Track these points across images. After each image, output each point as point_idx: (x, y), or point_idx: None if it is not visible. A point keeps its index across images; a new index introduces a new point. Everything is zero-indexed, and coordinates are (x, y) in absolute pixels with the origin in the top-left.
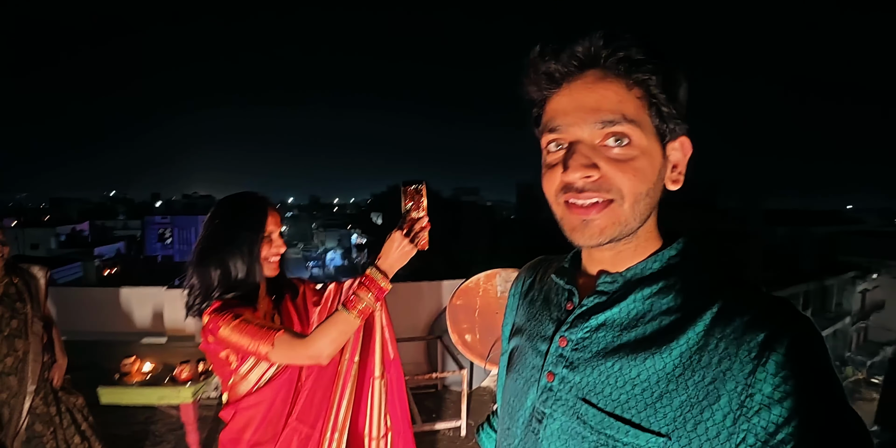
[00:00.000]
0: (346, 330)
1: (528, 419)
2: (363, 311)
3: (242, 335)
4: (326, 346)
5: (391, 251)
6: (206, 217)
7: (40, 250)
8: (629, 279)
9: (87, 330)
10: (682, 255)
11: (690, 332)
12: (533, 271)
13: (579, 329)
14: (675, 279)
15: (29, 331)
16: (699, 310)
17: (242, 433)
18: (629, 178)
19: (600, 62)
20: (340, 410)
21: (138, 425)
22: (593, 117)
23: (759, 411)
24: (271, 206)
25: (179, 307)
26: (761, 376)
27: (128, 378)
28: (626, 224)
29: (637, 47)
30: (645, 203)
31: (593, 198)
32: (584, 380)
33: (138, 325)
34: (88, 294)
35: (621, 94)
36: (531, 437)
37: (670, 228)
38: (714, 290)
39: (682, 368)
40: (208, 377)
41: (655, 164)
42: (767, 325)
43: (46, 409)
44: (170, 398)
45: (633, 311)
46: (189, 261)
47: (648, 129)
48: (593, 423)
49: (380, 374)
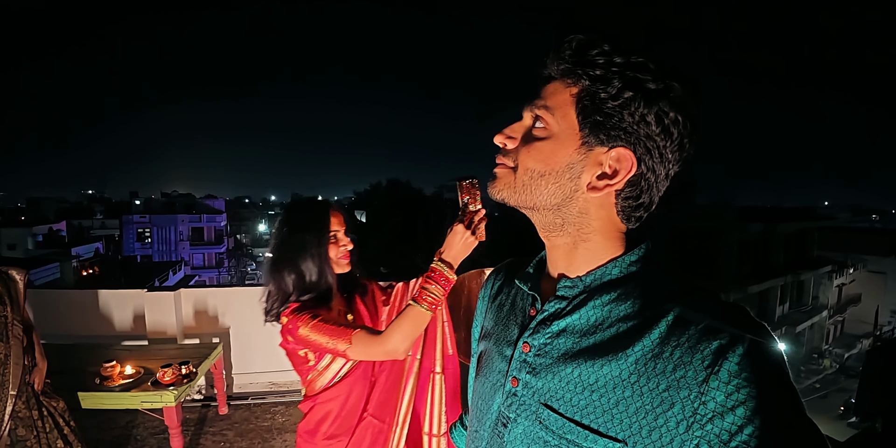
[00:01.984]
0: (420, 324)
1: (494, 423)
2: (433, 304)
3: (321, 334)
4: (402, 341)
5: (454, 243)
6: (279, 224)
7: (17, 251)
8: (589, 285)
9: (65, 333)
10: (643, 261)
11: (646, 340)
12: (502, 274)
13: (541, 335)
14: (633, 286)
15: (9, 334)
16: (656, 317)
17: (320, 425)
18: (528, 154)
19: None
20: (402, 405)
21: (120, 430)
22: (533, 101)
23: (713, 419)
24: (332, 207)
25: (160, 309)
26: (714, 384)
27: (109, 382)
28: (521, 193)
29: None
30: (545, 183)
31: (502, 162)
32: (546, 385)
33: (118, 328)
34: (66, 296)
35: (559, 87)
36: (496, 440)
37: (636, 233)
38: (672, 298)
39: (638, 375)
40: (191, 380)
41: (562, 152)
42: (722, 334)
43: (29, 413)
44: (152, 402)
45: (592, 318)
46: (264, 269)
47: (566, 120)
48: (555, 428)
49: (440, 369)
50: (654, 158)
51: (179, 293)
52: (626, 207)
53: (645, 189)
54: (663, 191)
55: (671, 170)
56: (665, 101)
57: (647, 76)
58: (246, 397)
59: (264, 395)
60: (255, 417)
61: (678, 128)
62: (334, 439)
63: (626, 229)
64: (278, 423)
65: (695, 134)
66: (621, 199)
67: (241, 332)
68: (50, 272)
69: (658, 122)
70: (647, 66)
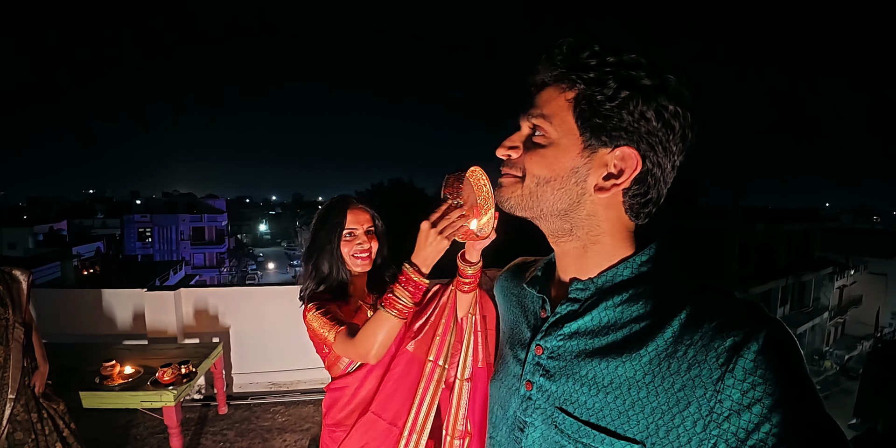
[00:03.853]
0: (387, 329)
1: (511, 428)
2: (402, 310)
3: (319, 323)
4: (371, 345)
5: (419, 243)
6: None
7: (17, 250)
8: (600, 286)
9: (65, 332)
10: (653, 261)
11: (659, 339)
12: (510, 276)
13: (553, 337)
14: (645, 286)
15: (10, 336)
16: (669, 317)
17: (329, 410)
18: (532, 161)
19: (556, 66)
20: (420, 413)
21: (119, 429)
22: (528, 111)
23: (729, 417)
24: (353, 205)
25: (160, 309)
26: (729, 382)
27: (109, 381)
28: (529, 200)
29: (579, 57)
30: (552, 189)
31: (508, 172)
32: (560, 388)
33: (119, 328)
34: (67, 296)
35: (554, 94)
36: (514, 445)
37: (645, 233)
38: (684, 297)
39: (652, 376)
40: (191, 379)
41: (565, 158)
42: (735, 331)
43: (28, 416)
44: (152, 401)
45: (604, 319)
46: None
47: (564, 126)
48: (570, 431)
49: (467, 377)
50: (658, 153)
51: (180, 293)
52: (634, 205)
53: (652, 184)
54: (671, 182)
55: (677, 161)
56: (663, 96)
57: (642, 72)
58: (246, 397)
59: (264, 395)
60: (256, 417)
61: (679, 120)
62: (337, 428)
63: (634, 227)
64: (278, 422)
65: (696, 122)
66: (629, 196)
67: (241, 331)
68: (50, 271)
69: (658, 118)
70: (640, 62)
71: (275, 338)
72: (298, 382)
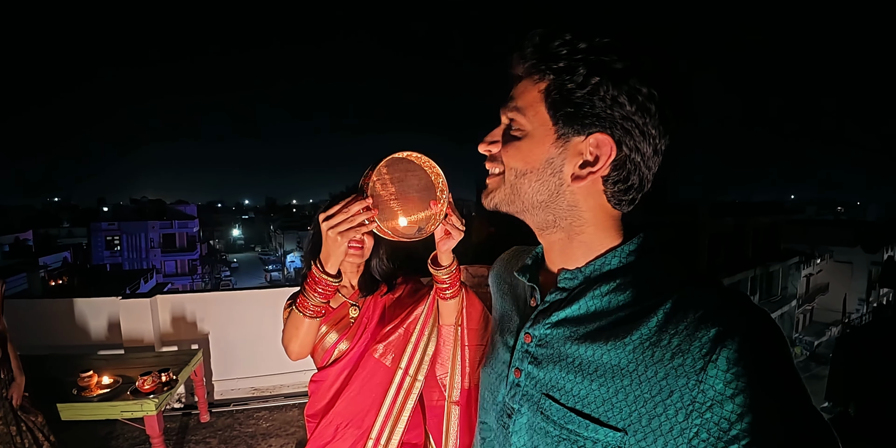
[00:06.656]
0: (304, 328)
1: (500, 414)
2: (313, 309)
3: (284, 315)
4: (288, 341)
5: (322, 239)
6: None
7: None
8: (588, 276)
9: (38, 344)
10: (641, 250)
11: (644, 328)
12: (504, 264)
13: (541, 325)
14: (632, 275)
15: None
16: (654, 306)
17: (310, 400)
18: (508, 155)
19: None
20: (388, 423)
21: (99, 442)
22: (505, 104)
23: (712, 407)
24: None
25: (136, 317)
26: (712, 372)
27: (87, 392)
28: (511, 195)
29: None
30: (529, 181)
31: (490, 167)
32: (547, 376)
33: (93, 338)
34: (39, 306)
35: (528, 86)
36: (502, 431)
37: (634, 223)
38: (671, 286)
39: (636, 364)
40: (172, 387)
41: (539, 149)
42: (720, 321)
43: (7, 429)
44: (133, 411)
45: (591, 308)
46: None
47: (538, 117)
48: (556, 417)
49: (456, 400)
50: (635, 138)
51: (156, 300)
52: (616, 192)
53: (632, 170)
54: (657, 167)
55: (659, 145)
56: (635, 79)
57: (614, 56)
58: (228, 404)
59: (247, 401)
60: (239, 424)
61: (654, 102)
62: (310, 420)
63: (619, 215)
64: (262, 428)
65: (678, 104)
66: (609, 184)
67: (220, 337)
68: (17, 283)
69: (631, 101)
70: (612, 46)
71: (255, 342)
72: (281, 386)
